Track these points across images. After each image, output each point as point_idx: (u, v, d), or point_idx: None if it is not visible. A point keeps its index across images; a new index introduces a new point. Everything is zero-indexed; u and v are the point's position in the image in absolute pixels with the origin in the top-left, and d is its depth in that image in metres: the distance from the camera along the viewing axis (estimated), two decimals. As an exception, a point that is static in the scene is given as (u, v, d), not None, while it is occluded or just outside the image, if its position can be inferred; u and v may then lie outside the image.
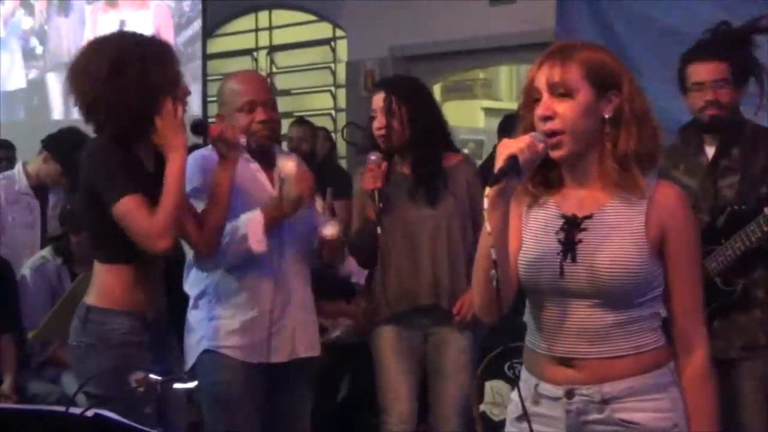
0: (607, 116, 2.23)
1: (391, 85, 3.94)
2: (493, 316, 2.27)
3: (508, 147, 2.12)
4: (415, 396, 3.92)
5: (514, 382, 5.00)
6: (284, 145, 6.40)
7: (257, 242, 3.39)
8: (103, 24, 8.78)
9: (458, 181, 3.84)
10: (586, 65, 2.21)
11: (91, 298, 3.08)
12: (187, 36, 8.49)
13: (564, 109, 2.20)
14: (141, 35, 3.15)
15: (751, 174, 3.51)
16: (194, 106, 7.43)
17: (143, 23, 8.57)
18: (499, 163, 2.10)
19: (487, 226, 2.08)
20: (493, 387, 5.06)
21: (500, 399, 5.04)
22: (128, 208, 2.94)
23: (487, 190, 2.08)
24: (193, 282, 3.55)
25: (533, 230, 2.33)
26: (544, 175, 2.32)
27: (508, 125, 6.96)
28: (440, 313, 3.86)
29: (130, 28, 8.24)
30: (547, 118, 2.20)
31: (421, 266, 3.82)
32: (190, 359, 3.50)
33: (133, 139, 3.06)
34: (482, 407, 5.07)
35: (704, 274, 3.47)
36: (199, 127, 3.30)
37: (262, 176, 3.56)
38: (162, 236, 2.95)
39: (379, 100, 3.84)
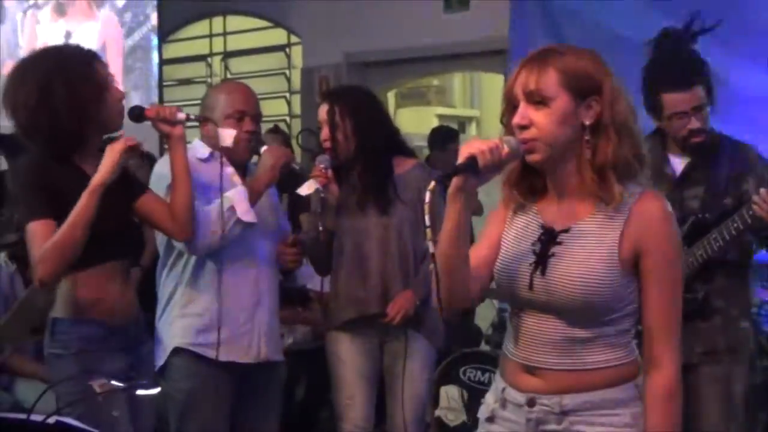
0: (587, 123, 2.16)
1: (335, 96, 3.91)
2: (446, 313, 2.27)
3: (471, 147, 2.10)
4: (372, 401, 3.90)
5: (468, 387, 5.04)
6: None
7: (245, 212, 3.44)
8: (50, 33, 8.66)
9: (410, 187, 3.79)
10: (564, 72, 2.15)
11: (55, 310, 3.13)
12: (128, 47, 8.45)
13: (539, 117, 2.14)
14: (62, 51, 3.20)
15: (715, 185, 3.54)
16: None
17: (90, 34, 8.51)
18: (459, 161, 2.09)
19: (427, 220, 2.03)
20: (447, 392, 5.10)
21: (455, 404, 5.08)
22: (32, 232, 2.99)
23: (432, 185, 2.06)
24: (164, 283, 3.58)
25: (512, 237, 2.30)
26: (529, 182, 2.28)
27: (439, 136, 7.06)
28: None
29: (76, 38, 8.21)
30: (522, 127, 2.16)
31: (370, 275, 3.79)
32: (160, 360, 3.51)
33: (73, 153, 3.10)
34: (437, 412, 5.10)
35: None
36: (137, 113, 3.29)
37: (237, 179, 3.58)
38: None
39: (323, 112, 3.83)
